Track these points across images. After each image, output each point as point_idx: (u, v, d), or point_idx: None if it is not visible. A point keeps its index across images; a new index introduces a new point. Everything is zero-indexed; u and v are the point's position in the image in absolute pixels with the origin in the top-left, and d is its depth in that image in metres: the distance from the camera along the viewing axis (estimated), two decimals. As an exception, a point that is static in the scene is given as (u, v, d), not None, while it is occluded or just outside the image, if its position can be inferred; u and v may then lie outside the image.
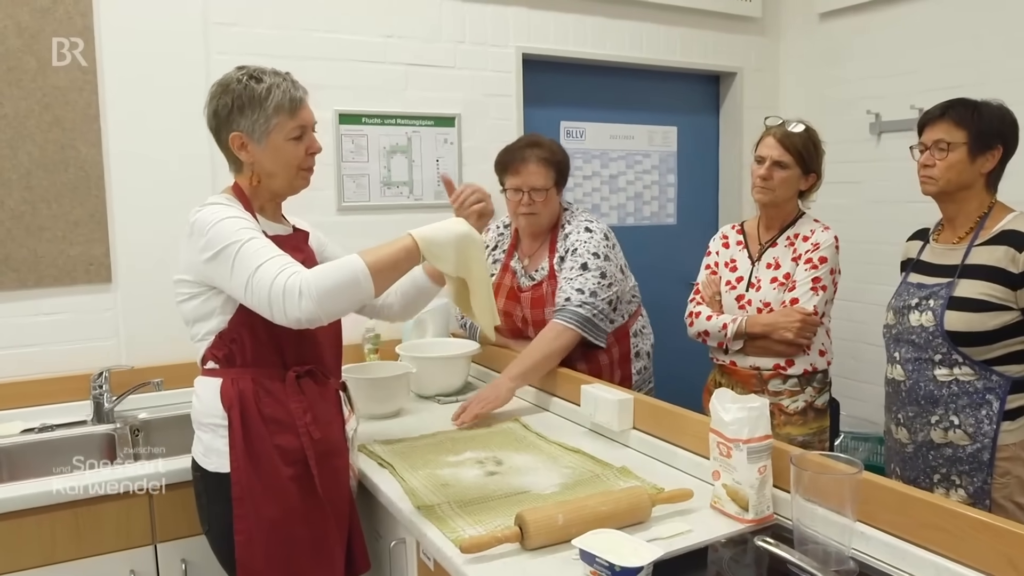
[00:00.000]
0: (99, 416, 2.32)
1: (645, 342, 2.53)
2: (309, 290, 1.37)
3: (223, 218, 1.47)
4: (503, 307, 2.48)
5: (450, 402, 2.38)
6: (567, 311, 2.26)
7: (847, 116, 3.44)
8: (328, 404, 1.66)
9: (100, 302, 2.44)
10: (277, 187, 1.62)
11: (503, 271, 2.54)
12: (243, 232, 1.45)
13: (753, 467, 1.46)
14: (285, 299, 1.37)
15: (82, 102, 2.37)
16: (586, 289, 2.27)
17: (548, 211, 2.40)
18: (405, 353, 2.46)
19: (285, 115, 1.56)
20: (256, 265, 1.41)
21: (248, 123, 1.55)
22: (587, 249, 2.33)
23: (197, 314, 1.57)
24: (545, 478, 1.71)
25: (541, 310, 2.40)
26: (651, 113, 3.65)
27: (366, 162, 2.87)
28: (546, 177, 2.35)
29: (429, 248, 1.46)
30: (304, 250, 1.69)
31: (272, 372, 1.57)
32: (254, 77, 1.56)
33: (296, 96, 1.57)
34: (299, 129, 1.58)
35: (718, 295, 2.35)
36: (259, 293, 1.40)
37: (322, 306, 1.38)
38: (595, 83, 3.47)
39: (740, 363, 2.27)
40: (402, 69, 2.89)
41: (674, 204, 3.75)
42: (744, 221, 2.44)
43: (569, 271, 2.32)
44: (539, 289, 2.42)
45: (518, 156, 2.36)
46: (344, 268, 1.41)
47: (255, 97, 1.55)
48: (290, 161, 1.59)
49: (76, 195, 2.38)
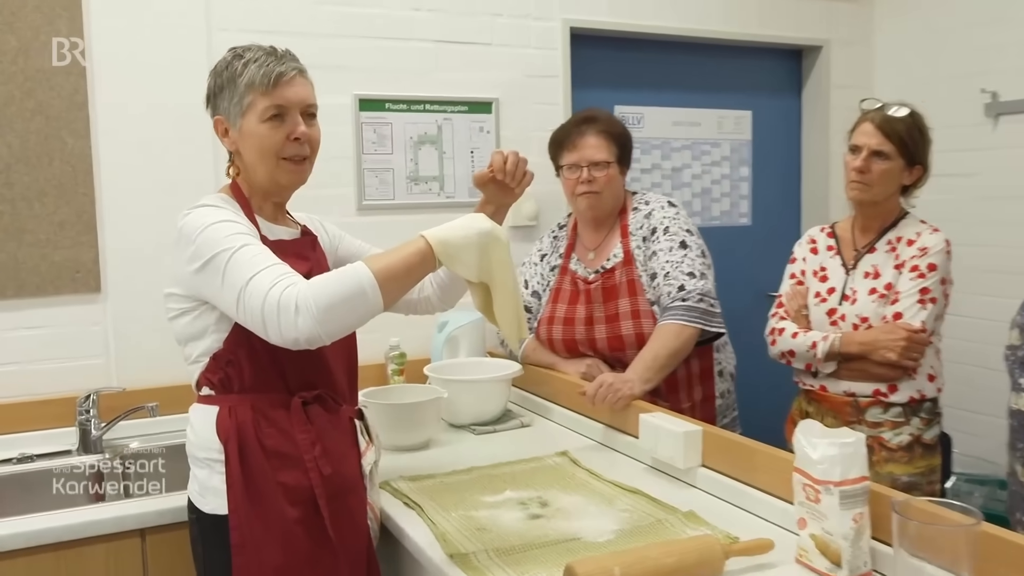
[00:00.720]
0: (85, 445, 2.34)
1: (728, 361, 2.53)
2: (307, 305, 1.36)
3: (213, 222, 1.48)
4: (564, 315, 2.48)
5: (487, 432, 2.37)
6: (679, 309, 2.25)
7: (957, 96, 3.37)
8: (341, 434, 1.65)
9: (88, 315, 2.47)
10: (260, 180, 1.63)
11: (561, 275, 2.56)
12: (235, 239, 1.46)
13: (847, 515, 1.42)
14: (280, 316, 1.37)
15: (68, 87, 2.40)
16: (696, 271, 2.30)
17: (611, 191, 2.44)
18: (435, 375, 2.45)
19: (257, 92, 1.57)
20: (248, 277, 1.41)
21: (226, 104, 1.59)
22: (679, 226, 2.37)
23: (189, 333, 1.57)
24: (598, 523, 1.69)
25: (615, 302, 2.40)
26: (721, 95, 3.62)
27: (390, 154, 2.88)
28: (607, 151, 2.41)
29: (445, 250, 1.45)
30: (310, 257, 1.70)
31: (275, 398, 1.57)
32: (238, 55, 1.60)
33: (273, 69, 1.57)
34: (275, 109, 1.58)
35: (805, 309, 2.34)
36: (251, 309, 1.40)
37: (322, 323, 1.37)
38: (655, 61, 3.45)
39: (832, 388, 2.26)
40: (431, 47, 2.89)
41: (748, 202, 3.72)
42: (836, 223, 2.43)
43: (668, 252, 2.34)
44: (611, 277, 2.43)
45: (574, 131, 2.44)
46: (347, 279, 1.40)
47: (232, 75, 1.58)
48: (265, 148, 1.59)
49: (61, 193, 2.41)
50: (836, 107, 3.64)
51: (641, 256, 2.40)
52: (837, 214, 2.67)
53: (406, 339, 2.73)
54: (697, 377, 2.42)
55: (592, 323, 2.44)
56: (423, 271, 1.47)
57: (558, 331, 2.48)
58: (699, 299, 2.27)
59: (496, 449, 2.20)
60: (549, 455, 2.12)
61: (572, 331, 2.47)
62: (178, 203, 1.61)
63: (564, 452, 2.14)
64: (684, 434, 1.89)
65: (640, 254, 2.40)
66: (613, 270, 2.43)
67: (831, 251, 2.35)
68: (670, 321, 2.26)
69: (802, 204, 3.83)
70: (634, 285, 2.38)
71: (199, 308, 1.54)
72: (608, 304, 2.41)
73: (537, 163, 2.73)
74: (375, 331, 1.85)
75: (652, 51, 3.43)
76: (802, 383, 2.36)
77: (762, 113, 3.72)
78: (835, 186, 3.57)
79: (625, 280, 2.40)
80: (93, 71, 2.43)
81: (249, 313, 1.40)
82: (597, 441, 2.25)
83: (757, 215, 3.74)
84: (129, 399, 2.38)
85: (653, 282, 2.35)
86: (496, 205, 1.86)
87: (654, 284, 2.35)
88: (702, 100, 3.58)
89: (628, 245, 2.43)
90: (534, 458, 2.10)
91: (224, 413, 1.54)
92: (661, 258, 2.35)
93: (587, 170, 2.40)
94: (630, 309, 2.38)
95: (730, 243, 3.60)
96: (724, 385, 2.49)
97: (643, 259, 2.40)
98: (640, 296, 2.37)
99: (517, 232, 3.02)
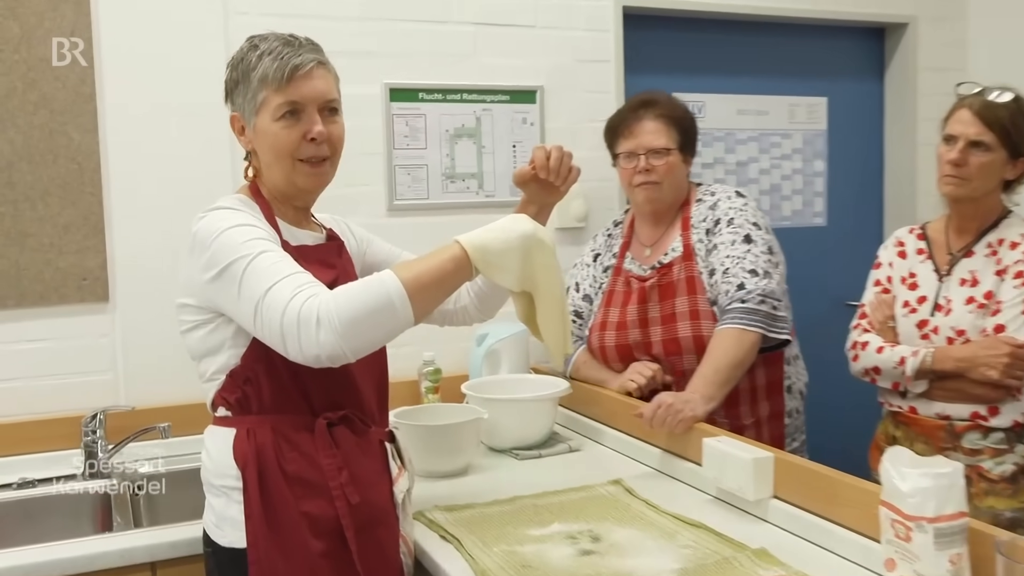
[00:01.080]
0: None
1: (799, 376, 2.50)
2: (329, 318, 1.36)
3: (229, 227, 1.49)
4: (617, 319, 2.48)
5: (531, 457, 2.36)
6: (737, 312, 2.23)
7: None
8: (370, 459, 1.66)
9: (95, 326, 2.50)
10: (277, 184, 1.64)
11: (614, 277, 2.56)
12: (253, 244, 1.46)
13: (942, 556, 1.40)
14: (300, 330, 1.37)
15: (75, 78, 2.43)
16: (759, 269, 2.27)
17: (672, 182, 2.43)
18: (473, 393, 2.45)
19: (270, 88, 1.58)
20: (266, 287, 1.41)
21: (241, 100, 1.61)
22: (745, 218, 2.36)
23: (204, 347, 1.58)
24: (657, 560, 1.68)
25: (672, 301, 2.39)
26: (793, 80, 3.60)
27: (424, 149, 2.88)
28: (667, 136, 2.41)
29: (483, 257, 1.45)
30: (336, 264, 1.70)
31: (297, 420, 1.58)
32: (254, 46, 1.61)
33: (288, 62, 1.57)
34: (288, 106, 1.58)
35: (892, 320, 2.33)
36: (269, 323, 1.40)
37: (346, 338, 1.37)
38: (718, 42, 3.44)
39: (923, 411, 2.24)
40: (469, 30, 2.90)
41: (824, 200, 3.69)
42: (927, 223, 2.41)
43: (730, 246, 2.32)
44: (668, 273, 2.42)
45: (630, 116, 2.45)
46: (374, 289, 1.40)
47: (246, 68, 1.59)
48: (279, 149, 1.60)
49: (67, 193, 2.44)
50: (924, 92, 3.60)
51: (703, 250, 2.39)
52: (925, 213, 2.62)
53: (441, 353, 2.73)
54: (763, 390, 2.39)
55: (647, 324, 2.42)
56: (458, 280, 1.47)
57: (610, 337, 2.48)
58: (760, 300, 2.24)
59: (542, 476, 2.19)
60: (601, 483, 2.11)
61: (625, 335, 2.46)
62: (194, 204, 1.63)
63: (618, 480, 2.12)
64: (754, 461, 1.86)
65: (702, 248, 2.39)
66: (671, 265, 2.42)
67: (922, 255, 2.34)
68: (728, 326, 2.23)
69: (885, 202, 3.79)
70: (693, 282, 2.37)
71: (215, 320, 1.55)
72: (664, 303, 2.40)
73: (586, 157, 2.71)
74: (407, 344, 1.84)
75: (714, 31, 3.41)
76: (888, 404, 2.34)
77: (839, 100, 3.69)
78: (923, 181, 3.53)
79: (684, 277, 2.38)
80: (101, 60, 2.46)
81: (267, 327, 1.41)
82: (654, 468, 2.23)
83: (833, 215, 3.71)
84: (139, 419, 2.40)
85: (712, 279, 2.34)
86: (539, 205, 1.85)
87: (712, 281, 2.34)
88: (771, 86, 3.56)
89: (688, 238, 2.42)
90: (584, 487, 2.09)
91: (242, 436, 1.55)
92: (721, 252, 2.33)
93: (645, 158, 2.40)
94: (688, 309, 2.36)
95: (803, 246, 3.56)
96: (793, 403, 2.46)
97: (704, 254, 2.38)
98: (700, 295, 2.35)
99: (564, 234, 3.00)
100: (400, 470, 1.75)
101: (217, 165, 2.49)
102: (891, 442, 2.27)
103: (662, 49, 3.33)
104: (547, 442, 2.45)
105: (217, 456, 1.58)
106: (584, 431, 2.54)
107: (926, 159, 3.43)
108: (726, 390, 2.22)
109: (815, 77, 3.64)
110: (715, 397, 2.19)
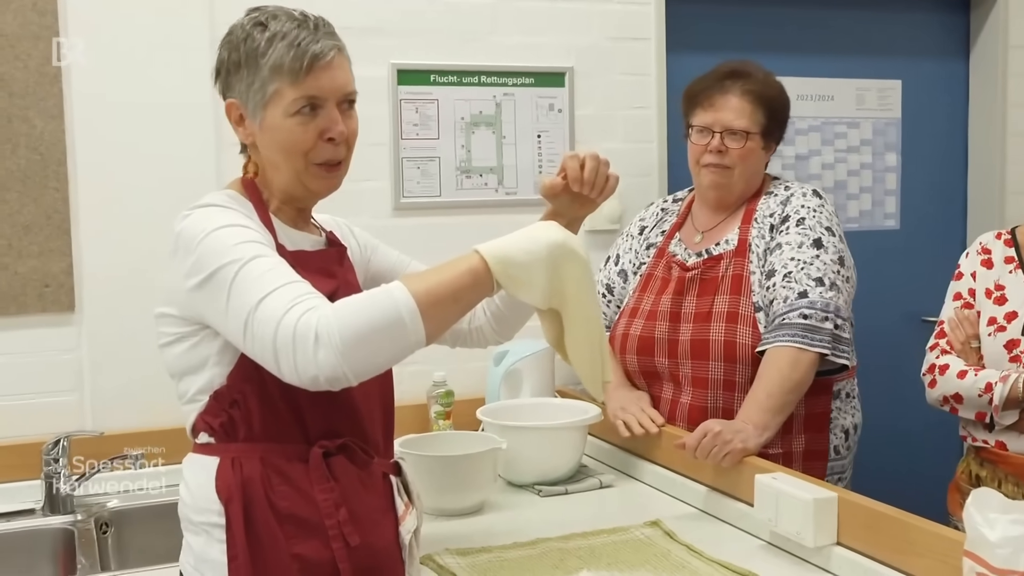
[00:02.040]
0: (53, 504, 2.37)
1: (848, 414, 2.47)
2: (329, 334, 1.36)
3: (218, 227, 1.49)
4: (649, 307, 2.49)
5: (556, 494, 2.37)
6: (796, 327, 2.23)
7: None
8: (372, 495, 1.66)
9: (58, 339, 2.52)
10: (283, 185, 1.64)
11: (656, 259, 2.58)
12: (244, 248, 1.46)
13: None
14: (296, 348, 1.37)
15: (37, 55, 2.45)
16: (827, 279, 2.27)
17: (745, 170, 2.45)
18: (490, 420, 2.45)
19: (284, 79, 1.56)
20: (258, 298, 1.41)
21: (243, 87, 1.59)
22: (818, 220, 2.36)
23: (185, 364, 1.58)
24: None
25: (711, 298, 2.39)
26: (861, 61, 3.60)
27: (436, 139, 2.90)
28: (750, 118, 2.42)
29: (505, 271, 1.45)
30: (337, 273, 1.70)
31: (290, 449, 1.58)
32: (260, 23, 1.59)
33: (306, 50, 1.56)
34: (304, 101, 1.58)
35: (976, 340, 2.32)
36: (261, 338, 1.40)
37: (347, 358, 1.37)
38: (773, 17, 3.45)
39: (1013, 446, 2.23)
40: (488, 3, 2.92)
41: (896, 199, 3.69)
42: (1017, 227, 2.41)
43: (797, 248, 2.33)
44: (714, 266, 2.43)
45: (716, 86, 2.45)
46: (381, 303, 1.40)
47: (253, 51, 1.57)
48: (292, 148, 1.59)
49: (27, 187, 2.46)
50: (1015, 73, 3.59)
51: (761, 248, 2.39)
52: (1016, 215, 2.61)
53: (454, 373, 2.73)
54: (801, 422, 2.37)
55: (678, 319, 2.44)
56: (477, 296, 1.48)
57: (638, 326, 2.49)
58: (824, 317, 2.24)
59: (568, 516, 2.19)
60: (637, 525, 2.11)
61: (652, 327, 2.47)
62: (173, 202, 1.63)
63: (656, 522, 2.12)
64: (814, 502, 1.86)
65: (760, 246, 2.39)
66: (719, 259, 2.43)
67: (1011, 264, 2.33)
68: (784, 344, 2.23)
69: (968, 202, 3.77)
70: (740, 282, 2.38)
71: (198, 334, 1.55)
72: (702, 299, 2.41)
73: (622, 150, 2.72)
74: (415, 363, 1.85)
75: (770, 5, 3.42)
76: (972, 438, 2.33)
77: (916, 83, 3.68)
78: (1013, 178, 3.50)
79: (731, 274, 2.40)
80: (68, 35, 2.47)
81: (258, 343, 1.41)
82: (699, 508, 2.24)
83: (908, 216, 3.70)
84: (108, 446, 2.41)
85: (768, 281, 2.34)
86: (569, 219, 1.81)
87: (769, 284, 2.34)
88: (835, 67, 3.56)
89: (747, 232, 2.43)
90: (617, 528, 2.10)
91: (226, 466, 1.55)
92: (785, 253, 2.34)
93: (720, 137, 2.40)
94: (726, 310, 2.37)
95: (872, 252, 3.54)
96: (836, 441, 2.44)
97: (762, 252, 2.39)
98: (744, 297, 2.36)
99: (595, 238, 2.99)
100: (407, 507, 1.74)
101: (200, 155, 2.52)
102: (974, 482, 2.26)
103: (710, 25, 3.34)
104: (574, 476, 2.45)
105: (197, 489, 1.57)
106: (617, 464, 2.55)
107: (1017, 151, 3.41)
108: (781, 419, 2.22)
109: (887, 56, 3.63)
110: (769, 427, 2.19)
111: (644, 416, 2.40)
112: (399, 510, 1.72)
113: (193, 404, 1.59)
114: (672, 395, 2.45)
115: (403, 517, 1.72)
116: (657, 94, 3.10)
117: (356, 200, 2.65)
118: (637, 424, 2.38)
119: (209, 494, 1.55)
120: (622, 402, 2.46)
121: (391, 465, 1.74)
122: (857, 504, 1.86)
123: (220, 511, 1.53)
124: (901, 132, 3.67)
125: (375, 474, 1.68)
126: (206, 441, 1.59)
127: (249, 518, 1.53)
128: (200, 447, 1.60)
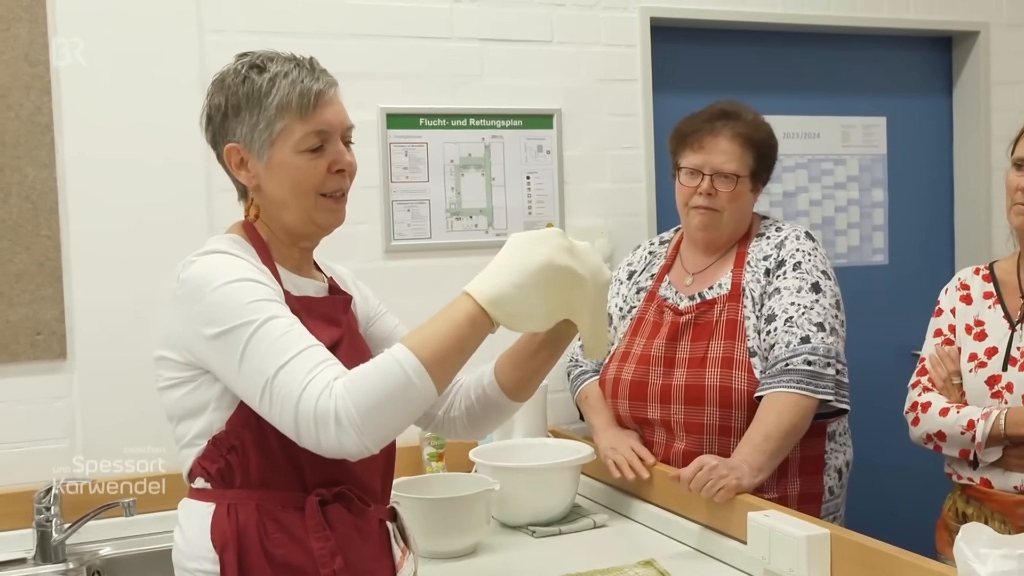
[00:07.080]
0: (44, 552, 2.36)
1: (841, 452, 2.49)
2: (348, 415, 1.39)
3: (229, 280, 1.50)
4: (641, 351, 2.50)
5: (550, 534, 2.36)
6: (799, 373, 2.25)
7: None
8: (368, 543, 1.65)
9: (50, 387, 2.52)
10: (291, 223, 1.64)
11: (647, 303, 2.58)
12: (259, 307, 1.47)
13: None
14: (318, 428, 1.40)
15: (29, 104, 2.47)
16: (827, 324, 2.29)
17: (734, 212, 2.46)
18: (483, 461, 2.46)
19: (293, 116, 1.58)
20: (277, 366, 1.43)
21: (246, 130, 1.59)
22: (814, 264, 2.38)
23: (184, 408, 1.58)
24: None
25: (705, 343, 2.40)
26: (846, 98, 3.62)
27: (425, 182, 2.91)
28: (740, 160, 2.43)
29: (500, 308, 1.47)
30: (341, 322, 1.71)
31: (286, 497, 1.58)
32: (256, 66, 1.60)
33: (310, 88, 1.59)
34: (315, 137, 1.60)
35: (957, 376, 2.31)
36: (281, 410, 1.43)
37: (367, 434, 1.41)
38: (759, 57, 3.47)
39: (998, 483, 2.22)
40: (476, 47, 2.94)
41: (883, 235, 3.70)
42: (995, 262, 2.41)
43: (796, 293, 2.34)
44: (708, 311, 2.43)
45: (705, 127, 2.45)
46: (387, 370, 1.42)
47: (254, 93, 1.58)
48: (303, 183, 1.61)
49: (19, 236, 2.47)
50: (998, 108, 3.61)
51: (756, 293, 2.40)
52: (1002, 249, 2.63)
53: (446, 415, 2.73)
54: (796, 465, 2.39)
55: (672, 364, 2.44)
56: (479, 340, 1.49)
57: (629, 370, 2.49)
58: (827, 363, 2.26)
59: (562, 556, 2.19)
60: (631, 565, 2.11)
61: (645, 371, 2.47)
62: (164, 249, 1.65)
63: (650, 561, 2.12)
64: (807, 539, 1.86)
65: (755, 290, 2.40)
66: (712, 303, 2.44)
67: (989, 299, 2.32)
68: (785, 390, 2.24)
69: (955, 236, 3.79)
70: (734, 327, 2.38)
71: (198, 379, 1.55)
72: (696, 344, 2.42)
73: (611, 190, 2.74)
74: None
75: (755, 44, 3.44)
76: (957, 475, 2.31)
77: (900, 119, 3.70)
78: (1000, 212, 3.51)
79: (725, 319, 2.40)
80: (60, 85, 2.50)
81: (278, 413, 1.43)
82: (692, 547, 2.24)
83: (896, 251, 3.71)
84: (99, 494, 2.41)
85: (767, 326, 2.35)
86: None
87: (768, 328, 2.34)
88: (821, 105, 3.57)
89: (740, 276, 2.44)
90: (612, 569, 2.09)
91: (221, 513, 1.54)
92: (785, 299, 2.35)
93: (709, 180, 2.41)
94: (721, 355, 2.37)
95: (861, 288, 3.54)
96: (830, 481, 2.45)
97: (757, 297, 2.39)
98: (739, 342, 2.37)
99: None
100: (404, 553, 1.74)
101: (191, 202, 2.53)
102: (961, 520, 2.25)
103: (695, 65, 3.36)
104: (568, 516, 2.45)
105: (192, 535, 1.56)
106: (611, 503, 2.55)
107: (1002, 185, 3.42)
108: (776, 463, 2.23)
109: (872, 94, 3.65)
110: (764, 469, 2.20)
111: (634, 457, 2.41)
112: (396, 557, 1.72)
113: (191, 448, 1.59)
114: (665, 440, 2.45)
115: (400, 564, 1.72)
116: (645, 134, 3.12)
117: (348, 243, 2.67)
118: (628, 467, 2.38)
119: (204, 541, 1.54)
120: (612, 441, 2.47)
121: (387, 511, 1.74)
122: (850, 541, 1.86)
123: (215, 559, 1.53)
124: (887, 168, 3.69)
125: (371, 521, 1.68)
126: (202, 486, 1.59)
127: (244, 566, 1.52)
128: (196, 492, 1.60)
